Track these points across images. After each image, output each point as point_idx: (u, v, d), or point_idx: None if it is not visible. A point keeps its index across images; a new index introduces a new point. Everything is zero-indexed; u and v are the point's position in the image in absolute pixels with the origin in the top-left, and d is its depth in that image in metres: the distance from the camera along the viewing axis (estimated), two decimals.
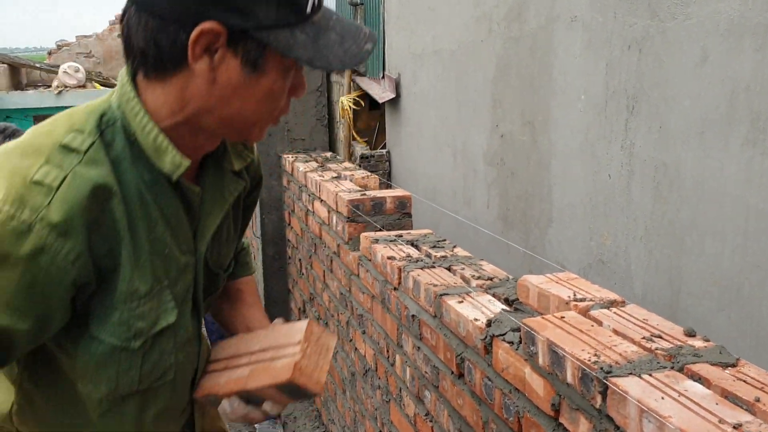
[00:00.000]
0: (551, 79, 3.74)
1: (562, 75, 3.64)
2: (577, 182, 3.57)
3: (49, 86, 12.27)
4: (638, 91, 3.04)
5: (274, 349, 1.24)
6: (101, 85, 12.11)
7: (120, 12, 1.21)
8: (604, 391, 1.10)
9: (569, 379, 1.18)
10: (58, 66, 12.04)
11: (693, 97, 2.74)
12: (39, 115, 12.17)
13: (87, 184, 1.03)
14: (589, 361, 1.15)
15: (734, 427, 0.94)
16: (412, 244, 2.28)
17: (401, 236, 2.37)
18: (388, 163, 6.84)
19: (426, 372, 1.88)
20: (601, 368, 1.12)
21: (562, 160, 3.69)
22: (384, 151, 6.99)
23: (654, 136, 2.96)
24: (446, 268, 1.96)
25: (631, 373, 1.10)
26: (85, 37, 13.11)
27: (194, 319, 1.25)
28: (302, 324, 1.25)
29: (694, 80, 2.73)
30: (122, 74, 1.16)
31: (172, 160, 1.11)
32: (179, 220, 1.17)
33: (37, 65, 12.93)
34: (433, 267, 1.99)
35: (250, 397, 1.25)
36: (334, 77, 8.10)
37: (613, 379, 1.09)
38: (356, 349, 2.63)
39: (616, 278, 3.29)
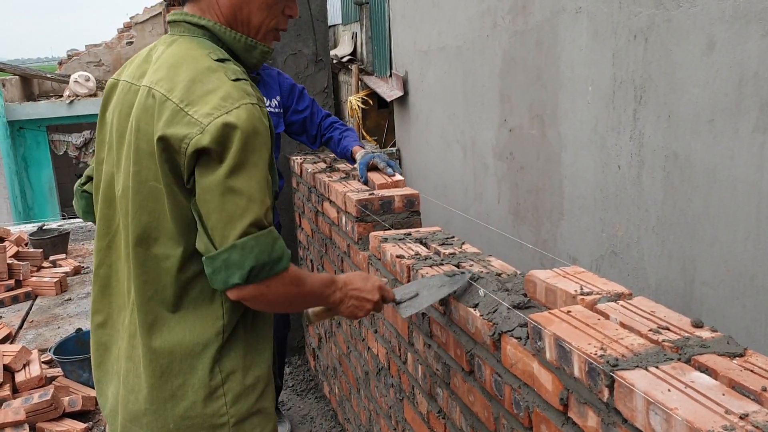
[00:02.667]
0: (558, 71, 3.73)
1: (569, 67, 3.62)
2: (588, 174, 3.55)
3: (61, 96, 12.37)
4: (645, 80, 3.03)
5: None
6: None
7: (128, 21, 1.43)
8: (611, 384, 1.09)
9: (576, 373, 1.18)
10: (69, 75, 12.15)
11: (701, 85, 2.72)
12: (52, 125, 12.28)
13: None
14: (596, 354, 1.14)
15: (741, 417, 0.93)
16: (421, 242, 2.28)
17: (410, 234, 2.36)
18: (398, 160, 6.85)
19: (437, 369, 1.88)
20: (608, 362, 1.11)
21: (572, 152, 3.68)
22: (394, 149, 7.00)
23: (663, 126, 2.95)
24: (455, 265, 1.96)
25: (637, 366, 1.10)
26: (95, 46, 13.21)
27: None
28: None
29: (701, 68, 2.71)
30: (181, 14, 1.49)
31: (262, 50, 1.52)
32: None
33: (48, 75, 13.05)
34: (442, 264, 1.99)
35: None
36: (341, 77, 8.11)
37: (620, 372, 1.08)
38: (369, 348, 2.64)
39: (629, 269, 3.27)
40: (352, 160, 3.01)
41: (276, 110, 3.01)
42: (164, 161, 1.35)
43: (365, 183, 2.93)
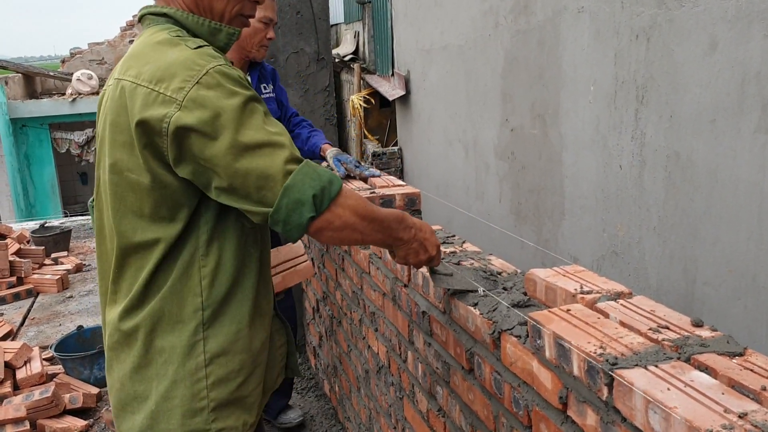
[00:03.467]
0: (560, 71, 3.72)
1: (571, 66, 3.62)
2: (589, 174, 3.55)
3: (64, 94, 12.38)
4: (647, 80, 3.02)
5: (289, 261, 2.01)
6: None
7: (131, 19, 1.43)
8: (610, 383, 1.09)
9: (576, 371, 1.18)
10: (72, 73, 12.15)
11: (703, 85, 2.71)
12: (55, 122, 12.29)
13: None
14: (595, 353, 1.14)
15: (740, 417, 0.93)
16: None
17: None
18: (400, 160, 6.84)
19: (437, 368, 1.88)
20: (607, 360, 1.11)
21: (573, 152, 3.67)
22: (396, 148, 6.99)
23: (665, 126, 2.94)
24: (455, 264, 1.95)
25: (636, 365, 1.10)
26: (98, 44, 13.22)
27: None
28: (297, 244, 2.08)
29: (703, 68, 2.71)
30: (145, 8, 1.49)
31: (227, 32, 1.48)
32: None
33: (51, 73, 13.06)
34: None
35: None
36: (343, 76, 8.11)
37: (619, 371, 1.08)
38: (369, 346, 2.64)
39: (630, 269, 3.27)
40: (321, 158, 3.07)
41: (270, 95, 3.11)
42: (144, 147, 1.32)
43: (345, 177, 2.99)
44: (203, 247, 1.43)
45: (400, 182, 3.06)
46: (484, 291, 1.65)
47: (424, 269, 1.76)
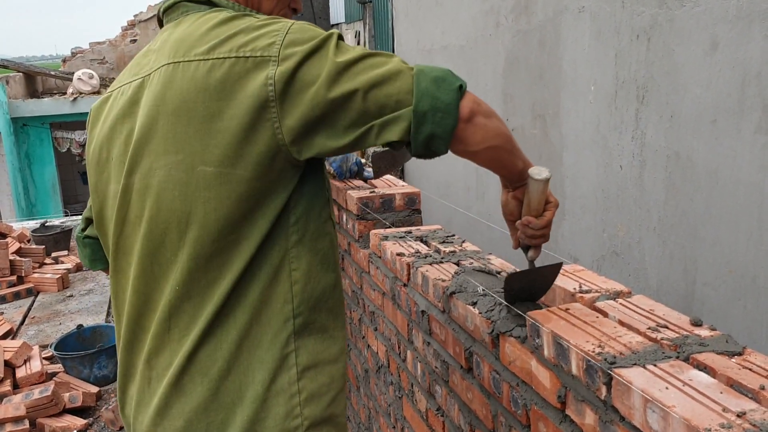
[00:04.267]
0: (561, 71, 3.72)
1: (572, 66, 3.62)
2: (589, 174, 3.55)
3: (65, 93, 12.39)
4: (648, 80, 3.02)
5: None
6: None
7: (132, 18, 1.31)
8: (609, 382, 1.09)
9: (574, 370, 1.18)
10: (73, 73, 12.16)
11: (703, 86, 2.71)
12: (56, 122, 12.30)
13: None
14: (594, 352, 1.14)
15: (738, 416, 0.93)
16: (422, 240, 2.28)
17: (410, 232, 2.36)
18: None
19: (436, 367, 1.88)
20: (606, 359, 1.11)
21: (574, 152, 3.67)
22: None
23: (665, 126, 2.94)
24: (455, 263, 1.95)
25: (635, 364, 1.09)
26: (99, 43, 13.23)
27: None
28: None
29: (704, 68, 2.70)
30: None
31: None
32: None
33: (52, 73, 13.07)
34: (442, 262, 1.99)
35: None
36: None
37: (618, 370, 1.08)
38: (369, 346, 2.64)
39: (630, 270, 3.27)
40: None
41: None
42: (243, 128, 1.12)
43: (336, 176, 2.99)
44: (294, 247, 1.24)
45: (401, 182, 3.06)
46: (483, 289, 1.64)
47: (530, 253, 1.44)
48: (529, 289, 1.44)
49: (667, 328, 1.23)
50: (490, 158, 1.29)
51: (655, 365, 1.10)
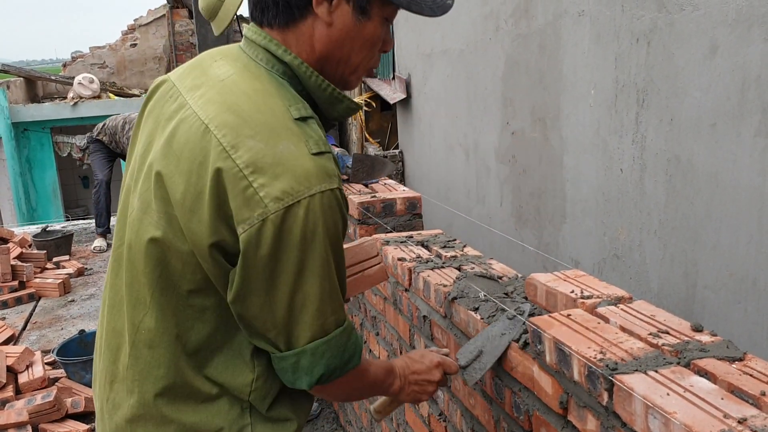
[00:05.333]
0: (561, 74, 3.73)
1: (572, 70, 3.63)
2: (590, 177, 3.55)
3: (65, 98, 12.41)
4: (648, 84, 3.03)
5: (359, 264, 1.63)
6: (115, 95, 12.24)
7: (132, 23, 1.27)
8: (610, 388, 1.09)
9: (576, 376, 1.18)
10: (73, 77, 12.18)
11: (703, 89, 2.72)
12: (56, 126, 12.31)
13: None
14: (595, 358, 1.15)
15: (739, 422, 0.94)
16: (423, 245, 2.28)
17: (412, 237, 2.37)
18: (401, 163, 6.85)
19: None
20: (607, 365, 1.12)
21: (574, 155, 3.68)
22: (397, 151, 7.00)
23: (665, 129, 2.95)
24: (456, 268, 1.96)
25: (636, 370, 1.10)
26: (99, 48, 13.25)
27: None
28: (368, 241, 1.67)
29: (703, 71, 2.71)
30: (263, 37, 1.23)
31: (348, 106, 1.27)
32: None
33: (53, 77, 13.09)
34: (443, 267, 1.99)
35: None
36: None
37: (619, 376, 1.08)
38: (371, 350, 2.64)
39: (631, 273, 3.27)
40: None
41: None
42: (219, 228, 1.10)
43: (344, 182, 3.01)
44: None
45: (402, 187, 3.06)
46: (485, 295, 1.65)
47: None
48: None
49: (668, 333, 1.23)
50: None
51: (656, 371, 1.10)
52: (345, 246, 1.43)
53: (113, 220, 7.17)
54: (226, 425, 1.23)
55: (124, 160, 6.90)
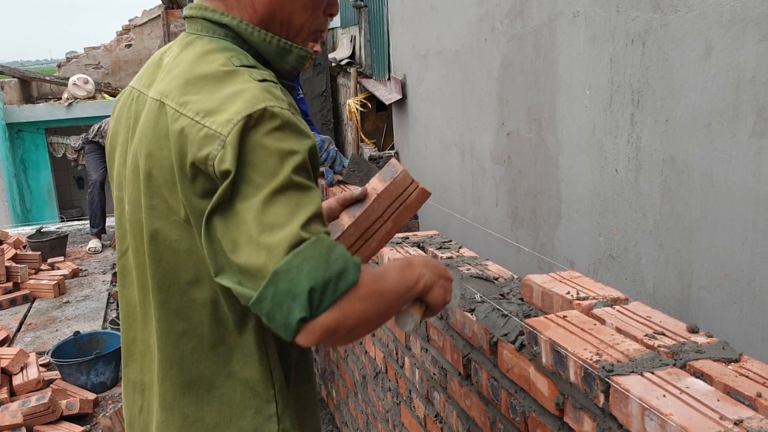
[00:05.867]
0: (556, 75, 3.73)
1: (567, 71, 3.63)
2: (585, 178, 3.56)
3: (60, 98, 12.37)
4: (643, 84, 3.03)
5: (398, 199, 1.45)
6: (110, 95, 12.20)
7: (127, 23, 1.30)
8: (607, 389, 1.09)
9: (572, 378, 1.18)
10: (68, 78, 12.15)
11: (698, 90, 2.72)
12: (51, 127, 12.28)
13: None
14: (591, 360, 1.15)
15: (735, 423, 0.94)
16: (419, 246, 2.28)
17: (407, 238, 2.37)
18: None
19: (434, 374, 1.89)
20: (603, 367, 1.12)
21: (569, 156, 3.68)
22: (392, 152, 7.00)
23: (660, 130, 2.95)
24: (451, 268, 1.96)
25: (633, 372, 1.10)
26: (94, 48, 13.21)
27: None
28: (397, 175, 1.45)
29: (698, 72, 2.71)
30: (199, 9, 1.24)
31: (298, 54, 1.25)
32: None
33: (47, 78, 13.05)
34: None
35: None
36: (340, 80, 8.12)
37: (615, 378, 1.09)
38: (366, 352, 2.64)
39: (626, 273, 3.28)
40: None
41: (302, 96, 3.14)
42: (202, 190, 1.09)
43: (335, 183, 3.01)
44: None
45: None
46: (481, 297, 1.65)
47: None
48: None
49: (663, 335, 1.23)
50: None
51: (652, 373, 1.10)
52: (379, 189, 1.41)
53: (108, 221, 7.16)
54: (250, 426, 1.21)
55: None
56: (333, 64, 7.87)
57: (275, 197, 1.03)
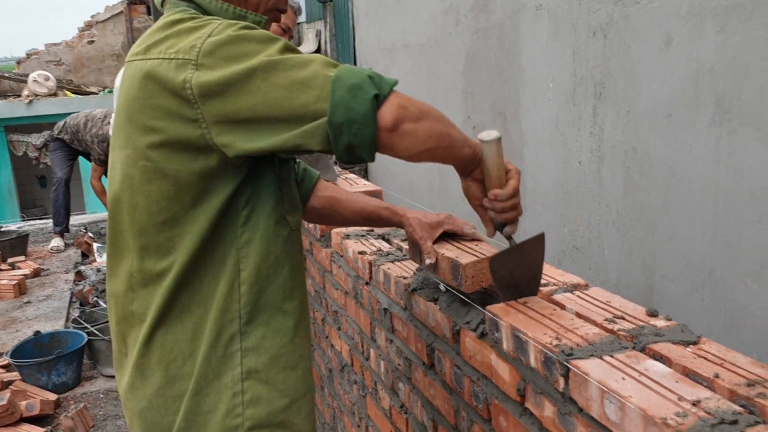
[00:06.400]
0: (520, 68, 3.75)
1: (531, 64, 3.65)
2: (549, 171, 3.58)
3: (20, 96, 12.10)
4: (605, 76, 3.06)
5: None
6: (73, 92, 11.97)
7: (89, 20, 1.36)
8: (566, 373, 1.09)
9: (533, 363, 1.18)
10: (28, 75, 11.88)
11: (659, 81, 2.75)
12: (11, 125, 12.01)
13: None
14: (551, 344, 1.15)
15: (693, 404, 0.94)
16: (383, 238, 2.27)
17: (372, 230, 2.35)
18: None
19: (399, 364, 1.88)
20: (563, 351, 1.12)
21: (534, 149, 3.70)
22: None
23: (622, 121, 2.98)
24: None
25: (592, 355, 1.10)
26: (54, 45, 12.93)
27: None
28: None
29: (659, 64, 2.74)
30: None
31: (252, 20, 1.30)
32: None
33: (6, 75, 12.75)
34: (404, 260, 1.98)
35: None
36: None
37: (575, 362, 1.08)
38: (332, 345, 2.62)
39: (590, 264, 3.30)
40: None
41: None
42: (176, 123, 1.16)
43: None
44: (244, 247, 1.26)
45: (363, 181, 3.05)
46: (444, 286, 1.64)
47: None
48: (517, 270, 1.36)
49: (623, 319, 1.24)
50: (429, 158, 1.24)
51: (611, 356, 1.10)
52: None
53: (72, 220, 7.02)
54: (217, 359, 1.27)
55: (87, 158, 6.76)
56: None
57: (280, 56, 1.13)
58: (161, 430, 1.30)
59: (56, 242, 6.81)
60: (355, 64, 6.73)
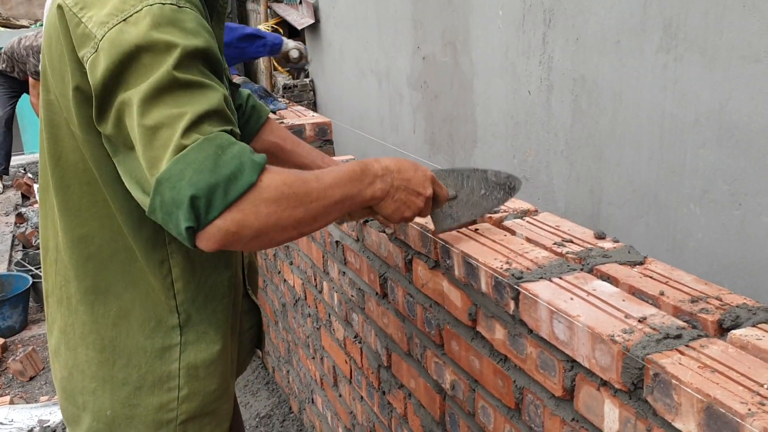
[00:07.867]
0: None
1: None
2: (499, 101, 3.56)
3: None
4: (554, 3, 3.02)
5: None
6: (1, 26, 11.37)
7: None
8: (516, 296, 1.10)
9: (483, 288, 1.19)
10: None
11: (607, 7, 2.73)
12: None
13: None
14: (501, 269, 1.15)
15: (639, 321, 0.96)
16: None
17: None
18: (312, 92, 6.70)
19: (352, 296, 1.88)
20: (513, 275, 1.13)
21: (484, 79, 3.67)
22: (307, 80, 6.84)
23: (571, 49, 2.96)
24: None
25: (541, 278, 1.11)
26: None
27: None
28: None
29: None
30: None
31: None
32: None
33: None
34: None
35: None
36: (249, 5, 7.81)
37: (524, 285, 1.10)
38: (285, 280, 2.62)
39: (539, 193, 3.34)
40: None
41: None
42: (80, 94, 1.06)
43: None
44: (174, 242, 1.17)
45: (312, 113, 2.99)
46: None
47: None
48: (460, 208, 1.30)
49: (572, 242, 1.25)
50: (311, 229, 1.08)
51: (560, 278, 1.12)
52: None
53: (13, 160, 6.77)
54: (149, 340, 1.21)
55: (27, 91, 6.45)
56: None
57: (156, 98, 0.95)
58: (76, 408, 1.25)
59: None
60: None
